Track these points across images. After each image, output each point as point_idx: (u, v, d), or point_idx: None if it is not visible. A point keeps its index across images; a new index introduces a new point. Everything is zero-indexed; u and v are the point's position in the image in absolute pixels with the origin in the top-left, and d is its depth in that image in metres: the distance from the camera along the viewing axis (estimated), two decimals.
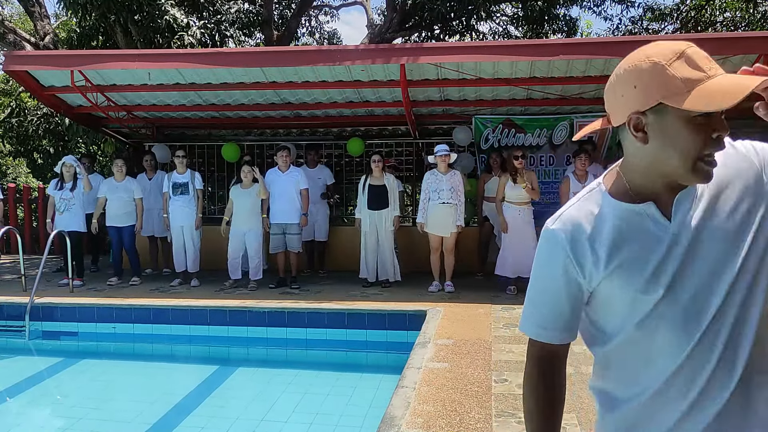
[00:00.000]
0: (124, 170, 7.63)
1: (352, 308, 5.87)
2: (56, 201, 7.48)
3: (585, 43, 7.38)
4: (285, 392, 4.74)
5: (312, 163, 8.34)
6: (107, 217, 7.60)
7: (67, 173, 7.54)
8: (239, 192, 7.19)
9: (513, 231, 6.65)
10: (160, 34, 10.57)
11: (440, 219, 6.76)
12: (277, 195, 7.16)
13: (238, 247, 7.22)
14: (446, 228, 6.76)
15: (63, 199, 7.46)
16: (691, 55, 1.08)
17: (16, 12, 19.04)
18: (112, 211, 7.54)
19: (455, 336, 4.77)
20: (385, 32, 13.70)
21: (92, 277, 8.13)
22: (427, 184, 6.82)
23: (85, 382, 5.25)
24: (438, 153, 6.75)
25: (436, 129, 9.37)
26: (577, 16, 35.68)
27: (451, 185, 6.73)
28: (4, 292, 6.86)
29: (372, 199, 7.07)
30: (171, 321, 6.03)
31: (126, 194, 7.54)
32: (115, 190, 7.52)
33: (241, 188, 7.20)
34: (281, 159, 7.22)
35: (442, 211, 6.73)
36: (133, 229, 7.63)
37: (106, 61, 7.18)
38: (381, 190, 7.07)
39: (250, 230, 7.16)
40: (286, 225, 7.13)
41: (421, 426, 3.04)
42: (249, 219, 7.15)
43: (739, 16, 15.29)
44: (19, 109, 13.08)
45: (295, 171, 7.32)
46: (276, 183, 7.18)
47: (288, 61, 7.02)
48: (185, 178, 7.44)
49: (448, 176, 6.76)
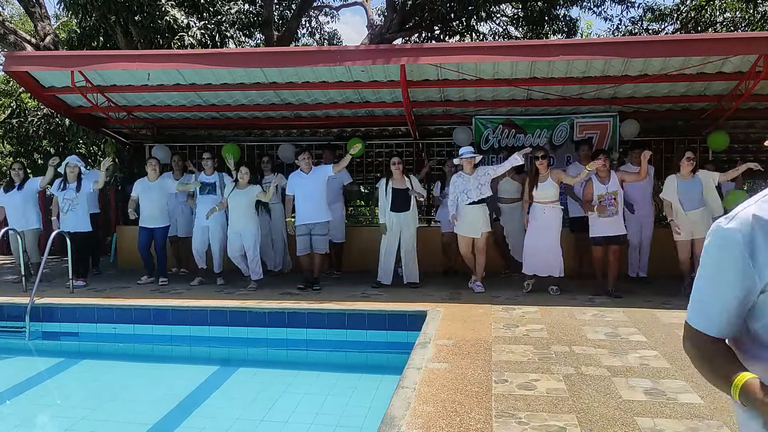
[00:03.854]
0: (158, 169, 7.61)
1: (352, 309, 5.86)
2: (60, 201, 7.46)
3: (585, 44, 7.38)
4: (285, 393, 4.74)
5: (329, 162, 8.30)
6: (141, 218, 7.56)
7: (71, 173, 7.53)
8: (235, 192, 7.19)
9: (537, 229, 6.65)
10: (161, 35, 10.58)
11: (469, 220, 6.75)
12: (302, 197, 7.06)
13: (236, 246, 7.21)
14: (476, 229, 6.76)
15: (66, 200, 7.43)
16: None
17: (16, 13, 19.05)
18: (146, 212, 7.51)
19: (455, 336, 4.77)
20: (385, 33, 13.71)
21: (96, 277, 8.11)
22: (455, 186, 6.80)
23: (85, 383, 5.25)
24: (463, 155, 6.75)
25: (436, 129, 9.38)
26: (577, 17, 35.72)
27: (477, 183, 6.71)
28: (4, 293, 6.87)
29: (395, 202, 7.04)
30: (171, 321, 6.02)
31: (160, 193, 7.52)
32: (149, 191, 7.50)
33: (237, 189, 7.21)
34: (303, 162, 7.14)
35: (471, 212, 6.72)
36: (166, 230, 7.63)
37: (107, 61, 7.18)
38: (404, 193, 7.05)
39: (246, 230, 7.16)
40: (313, 225, 7.04)
41: (422, 426, 3.04)
42: (245, 219, 7.15)
43: (739, 16, 15.29)
44: (19, 109, 13.10)
45: (317, 170, 7.22)
46: (300, 185, 7.09)
47: (288, 62, 7.02)
48: (213, 178, 7.46)
49: (474, 175, 6.76)
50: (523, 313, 5.55)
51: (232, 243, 7.23)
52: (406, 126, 8.72)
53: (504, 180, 7.50)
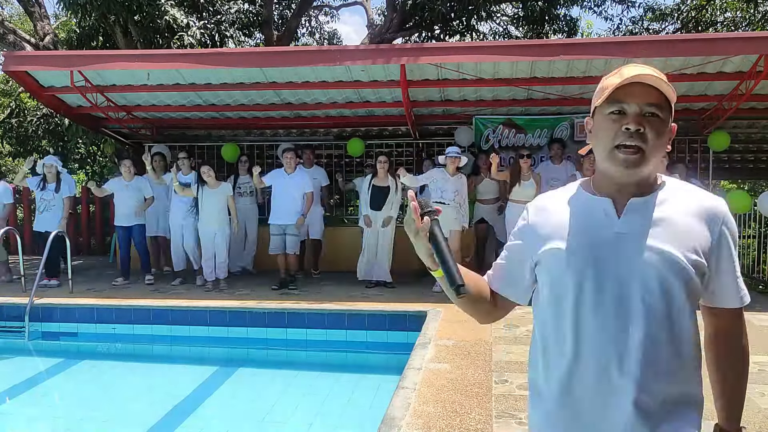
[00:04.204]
0: (132, 170, 7.61)
1: (352, 309, 5.85)
2: (37, 200, 7.49)
3: (585, 44, 7.38)
4: (285, 393, 4.74)
5: (308, 162, 8.28)
6: (116, 217, 7.59)
7: (49, 173, 7.51)
8: (207, 192, 7.13)
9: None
10: (160, 35, 10.57)
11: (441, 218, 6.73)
12: (279, 195, 7.12)
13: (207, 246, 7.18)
14: (446, 226, 6.76)
15: (44, 200, 7.45)
16: (623, 68, 1.30)
17: (15, 12, 19.03)
18: (121, 211, 7.53)
19: (455, 337, 4.76)
20: (385, 32, 13.69)
21: (96, 277, 8.09)
22: (434, 179, 6.79)
23: (84, 383, 5.23)
24: (449, 154, 6.74)
25: (436, 129, 9.37)
26: (578, 17, 35.70)
27: (456, 188, 6.74)
28: (3, 293, 6.86)
29: (374, 200, 7.06)
30: (171, 322, 6.01)
31: (136, 194, 7.52)
32: (124, 189, 7.50)
33: (208, 188, 7.15)
34: (286, 160, 7.16)
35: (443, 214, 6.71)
36: (142, 228, 7.62)
37: (106, 61, 7.17)
38: (385, 191, 7.06)
39: (219, 230, 7.14)
40: (287, 226, 7.11)
41: (422, 427, 3.03)
42: (218, 219, 7.13)
43: (739, 16, 15.28)
44: (18, 109, 13.09)
45: (301, 173, 7.27)
46: (280, 183, 7.13)
47: (288, 62, 7.01)
48: (189, 179, 7.43)
49: (455, 179, 6.77)
50: (524, 313, 5.54)
51: (204, 241, 7.18)
52: (406, 126, 8.71)
53: (483, 181, 7.53)
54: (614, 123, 1.26)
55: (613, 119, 1.27)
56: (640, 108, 1.25)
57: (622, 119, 1.26)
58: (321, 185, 8.25)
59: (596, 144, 1.32)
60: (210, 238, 7.15)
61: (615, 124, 1.26)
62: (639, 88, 1.25)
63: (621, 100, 1.25)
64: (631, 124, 1.24)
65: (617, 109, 1.26)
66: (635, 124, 1.24)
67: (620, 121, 1.26)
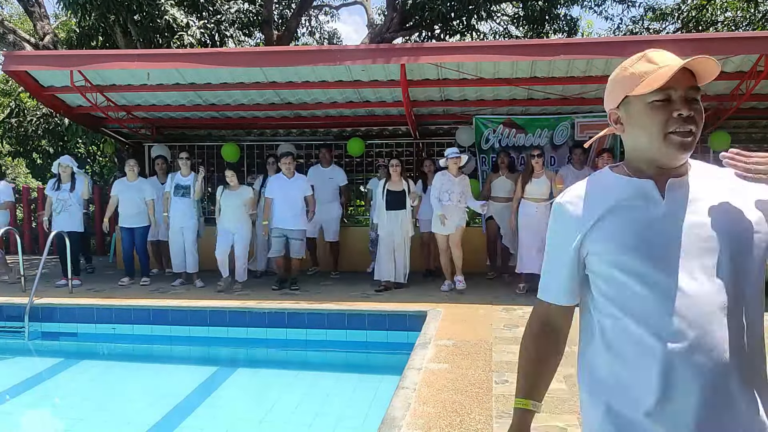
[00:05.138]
0: (137, 170, 7.60)
1: (352, 309, 5.85)
2: (53, 201, 7.46)
3: (586, 43, 7.36)
4: (285, 393, 4.73)
5: (326, 162, 8.26)
6: (120, 218, 7.58)
7: (64, 173, 7.52)
8: (227, 194, 7.17)
9: (530, 228, 6.64)
10: (160, 34, 10.55)
11: (449, 219, 6.76)
12: (280, 201, 7.08)
13: (225, 248, 7.17)
14: (454, 225, 6.78)
15: (60, 200, 7.44)
16: (650, 55, 1.32)
17: (15, 12, 19.03)
18: (125, 212, 7.52)
19: (456, 337, 4.75)
20: (386, 32, 13.67)
21: (96, 277, 8.10)
22: (440, 184, 6.79)
23: (84, 383, 5.23)
24: (449, 155, 6.75)
25: (436, 129, 9.36)
26: (578, 16, 35.74)
27: (461, 189, 6.76)
28: (3, 293, 6.85)
29: (389, 205, 7.04)
30: (170, 322, 6.01)
31: (138, 194, 7.51)
32: (127, 190, 7.49)
33: (228, 190, 7.19)
34: (285, 166, 7.15)
35: (450, 213, 6.73)
36: (145, 230, 7.61)
37: (106, 61, 7.16)
38: (400, 196, 7.05)
39: (237, 232, 7.14)
40: (289, 231, 7.08)
41: (422, 427, 3.03)
42: (237, 220, 7.13)
43: (739, 16, 15.27)
44: (18, 109, 13.07)
45: (300, 178, 7.28)
46: (280, 189, 7.10)
47: (288, 61, 7.00)
48: (188, 180, 7.42)
49: (459, 179, 6.78)
50: (524, 313, 5.54)
51: (221, 243, 7.17)
52: (407, 125, 8.70)
53: (498, 179, 7.52)
54: (661, 110, 1.26)
55: (658, 106, 1.26)
56: (686, 93, 1.26)
57: (668, 106, 1.26)
58: (339, 185, 8.22)
59: (638, 133, 1.30)
60: (228, 238, 7.15)
61: (663, 110, 1.26)
62: (680, 73, 1.25)
63: (667, 86, 1.25)
64: (684, 110, 1.25)
65: (664, 97, 1.26)
66: (687, 109, 1.25)
67: (667, 107, 1.26)
